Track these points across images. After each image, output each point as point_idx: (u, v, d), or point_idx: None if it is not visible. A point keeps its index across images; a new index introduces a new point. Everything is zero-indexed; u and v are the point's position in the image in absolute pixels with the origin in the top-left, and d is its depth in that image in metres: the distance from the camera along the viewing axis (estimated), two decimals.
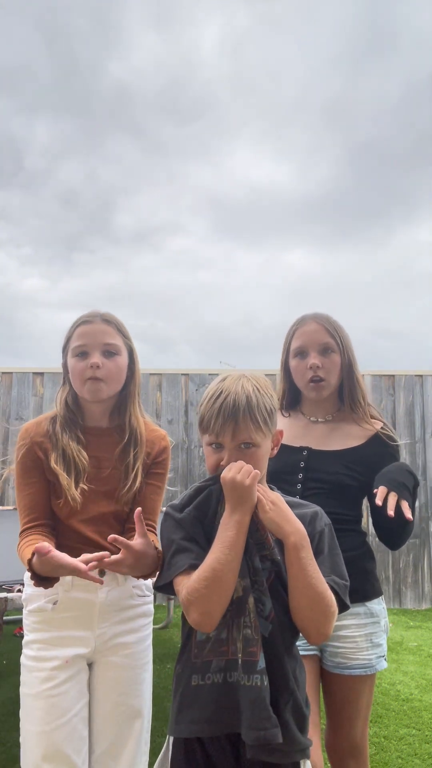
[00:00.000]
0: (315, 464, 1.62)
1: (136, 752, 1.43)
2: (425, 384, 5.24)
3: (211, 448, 1.16)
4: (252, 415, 1.11)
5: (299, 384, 1.70)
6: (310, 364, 1.63)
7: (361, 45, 15.79)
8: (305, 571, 1.06)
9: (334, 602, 1.07)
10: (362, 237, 27.38)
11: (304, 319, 1.70)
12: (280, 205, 26.58)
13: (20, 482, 1.47)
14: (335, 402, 1.73)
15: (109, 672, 1.43)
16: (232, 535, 1.06)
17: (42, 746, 1.32)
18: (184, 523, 1.16)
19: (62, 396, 1.55)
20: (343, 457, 1.62)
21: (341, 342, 1.66)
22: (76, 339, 1.49)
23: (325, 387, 1.66)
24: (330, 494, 1.58)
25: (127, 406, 1.55)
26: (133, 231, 30.71)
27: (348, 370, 1.68)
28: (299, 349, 1.67)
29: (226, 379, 1.16)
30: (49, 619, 1.41)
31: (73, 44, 14.39)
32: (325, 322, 1.67)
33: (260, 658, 1.05)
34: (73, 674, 1.38)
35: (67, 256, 41.38)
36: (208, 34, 13.18)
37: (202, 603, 1.05)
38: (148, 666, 1.50)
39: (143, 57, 14.95)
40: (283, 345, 1.74)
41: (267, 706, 1.02)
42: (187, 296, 29.49)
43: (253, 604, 1.08)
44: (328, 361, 1.64)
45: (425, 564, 5.04)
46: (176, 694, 1.13)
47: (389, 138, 21.00)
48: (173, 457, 5.04)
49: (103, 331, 1.49)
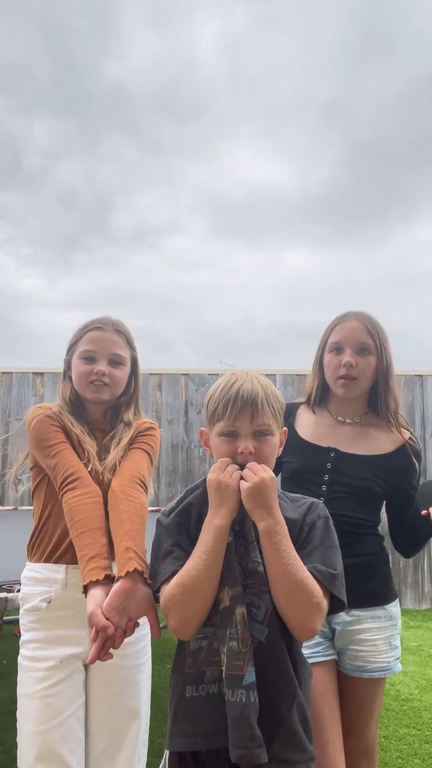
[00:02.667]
0: (342, 467, 1.59)
1: (133, 753, 1.42)
2: (425, 384, 5.24)
3: (224, 439, 1.12)
4: (269, 402, 1.11)
5: (329, 379, 1.66)
6: (345, 361, 1.59)
7: (360, 44, 15.79)
8: (279, 557, 1.02)
9: (316, 593, 1.03)
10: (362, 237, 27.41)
11: (347, 315, 1.66)
12: (280, 205, 26.60)
13: (47, 445, 1.43)
14: (364, 404, 1.69)
15: (104, 673, 1.42)
16: (209, 541, 1.04)
17: (36, 746, 1.32)
18: (170, 530, 1.14)
19: (64, 392, 1.58)
20: (372, 463, 1.60)
21: (380, 345, 1.62)
22: (86, 343, 1.53)
23: (355, 386, 1.61)
24: (355, 499, 1.56)
25: (121, 410, 1.59)
26: (132, 231, 30.74)
27: (384, 374, 1.63)
28: (336, 344, 1.63)
29: (236, 374, 1.16)
30: (44, 618, 1.42)
31: (71, 44, 14.38)
32: (367, 322, 1.63)
33: (247, 671, 1.00)
34: (68, 674, 1.38)
35: (66, 256, 41.48)
36: (207, 33, 13.18)
37: (179, 610, 1.03)
38: (145, 667, 1.50)
39: (141, 57, 14.96)
40: (321, 338, 1.70)
41: (251, 723, 0.97)
42: (186, 296, 29.52)
43: (243, 614, 1.03)
44: (363, 361, 1.60)
45: (425, 564, 5.04)
46: (171, 707, 1.09)
47: (389, 137, 21.02)
48: (173, 457, 5.04)
49: (113, 341, 1.54)
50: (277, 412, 1.14)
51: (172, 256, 29.19)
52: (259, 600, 1.06)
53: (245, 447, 1.10)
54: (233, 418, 1.10)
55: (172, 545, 1.12)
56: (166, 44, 14.93)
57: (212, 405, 1.14)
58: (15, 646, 1.46)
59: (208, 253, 31.01)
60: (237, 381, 1.13)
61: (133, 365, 1.61)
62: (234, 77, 17.20)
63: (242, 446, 1.10)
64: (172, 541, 1.13)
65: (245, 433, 1.11)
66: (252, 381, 1.13)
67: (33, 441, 1.47)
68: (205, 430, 1.20)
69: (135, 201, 25.26)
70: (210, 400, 1.16)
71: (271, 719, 1.01)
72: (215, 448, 1.15)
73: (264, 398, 1.11)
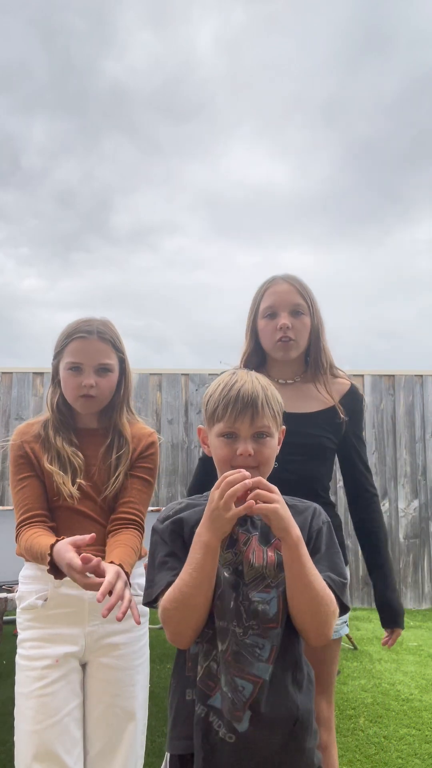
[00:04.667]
0: (291, 427, 1.59)
1: (129, 755, 1.42)
2: (425, 384, 5.24)
3: (223, 440, 1.10)
4: (269, 403, 1.11)
5: (266, 344, 1.67)
6: (281, 324, 1.61)
7: (359, 44, 15.79)
8: (305, 568, 1.00)
9: (333, 601, 1.03)
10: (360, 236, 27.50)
11: (275, 279, 1.67)
12: (278, 205, 26.66)
13: (13, 479, 1.51)
14: (302, 364, 1.71)
15: (100, 673, 1.43)
16: (199, 558, 1.01)
17: (33, 746, 1.32)
18: (164, 537, 1.12)
19: (52, 399, 1.57)
20: (319, 418, 1.62)
21: (311, 304, 1.65)
22: (71, 354, 1.50)
23: (293, 347, 1.63)
24: (309, 458, 1.58)
25: (114, 411, 1.57)
26: (130, 230, 30.79)
27: (316, 333, 1.67)
28: (269, 309, 1.64)
29: (236, 373, 1.15)
30: (40, 617, 1.42)
31: (69, 43, 14.37)
32: (297, 283, 1.65)
33: (243, 719, 0.99)
34: (64, 674, 1.38)
35: (65, 256, 41.57)
36: (205, 32, 13.18)
37: (173, 624, 1.03)
38: (142, 668, 1.49)
39: (140, 56, 14.95)
40: (251, 305, 1.71)
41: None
42: (184, 296, 29.59)
43: (239, 663, 1.01)
44: (298, 322, 1.63)
45: (425, 564, 5.04)
46: (171, 709, 1.09)
47: (387, 137, 21.05)
48: (173, 457, 5.04)
49: (98, 350, 1.51)
50: (276, 413, 1.13)
51: (170, 256, 29.23)
52: (263, 640, 1.04)
53: (244, 449, 1.08)
54: (233, 420, 1.09)
55: (166, 555, 1.10)
56: (165, 43, 14.93)
57: (212, 405, 1.13)
58: (15, 646, 1.46)
59: (207, 252, 31.04)
60: (237, 381, 1.11)
61: (122, 366, 1.57)
62: (232, 76, 17.21)
63: (241, 448, 1.08)
64: (167, 550, 1.11)
65: (245, 435, 1.09)
66: (252, 381, 1.12)
67: (10, 467, 1.54)
68: (203, 428, 1.19)
69: (133, 200, 25.27)
70: (209, 400, 1.14)
71: (270, 747, 1.01)
72: (214, 448, 1.13)
73: (264, 400, 1.10)
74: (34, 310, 40.95)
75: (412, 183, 27.12)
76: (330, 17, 14.07)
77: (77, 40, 14.62)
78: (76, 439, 1.54)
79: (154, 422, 5.02)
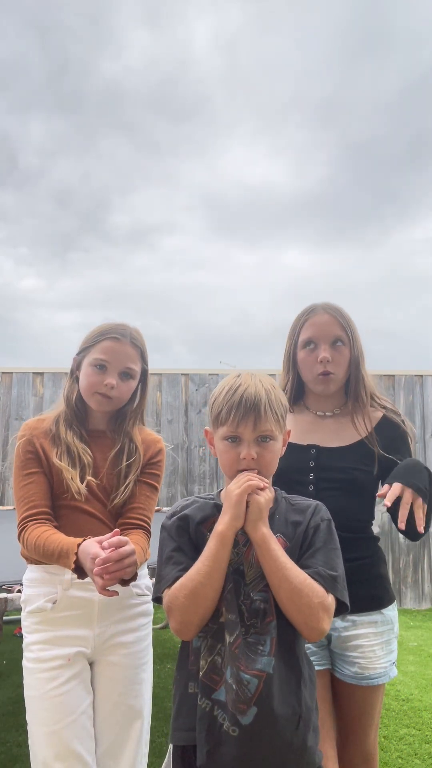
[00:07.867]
0: (326, 462, 1.57)
1: (136, 753, 1.43)
2: (425, 384, 5.24)
3: (228, 443, 1.13)
4: (272, 407, 1.12)
5: (306, 377, 1.63)
6: (321, 357, 1.56)
7: (356, 43, 15.79)
8: (277, 563, 1.04)
9: (318, 593, 1.04)
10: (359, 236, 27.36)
11: (315, 309, 1.63)
12: (276, 204, 26.61)
13: (18, 474, 1.48)
14: (342, 396, 1.66)
15: (107, 672, 1.43)
16: (212, 547, 1.05)
17: (53, 746, 1.32)
18: (171, 533, 1.15)
19: (69, 393, 1.56)
20: (354, 452, 1.57)
21: (351, 335, 1.60)
22: (100, 351, 1.51)
23: (333, 381, 1.59)
24: (344, 493, 1.53)
25: (126, 419, 1.57)
26: (128, 230, 30.73)
27: (355, 363, 1.62)
28: (309, 340, 1.60)
29: (240, 376, 1.16)
30: (49, 619, 1.41)
31: (66, 42, 14.35)
32: (337, 314, 1.60)
33: (248, 713, 1.01)
34: (76, 672, 1.38)
35: (64, 256, 41.39)
36: (202, 32, 13.17)
37: (181, 612, 1.05)
38: (147, 666, 1.50)
39: (137, 55, 14.93)
40: (290, 334, 1.67)
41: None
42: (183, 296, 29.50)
43: (242, 659, 1.03)
44: (338, 354, 1.58)
45: (425, 564, 5.04)
46: (174, 701, 1.11)
47: (385, 137, 21.03)
48: (173, 457, 5.04)
49: (128, 354, 1.52)
50: (280, 416, 1.14)
51: (169, 256, 29.18)
52: (264, 636, 1.06)
53: (247, 453, 1.11)
54: (236, 424, 1.11)
55: (173, 549, 1.13)
56: (162, 43, 14.91)
57: (216, 408, 1.15)
58: (15, 646, 1.46)
59: (205, 252, 30.97)
60: (241, 385, 1.13)
61: (143, 378, 1.58)
62: (230, 76, 17.19)
63: (244, 452, 1.11)
64: (174, 545, 1.14)
65: (248, 439, 1.11)
66: (256, 385, 1.13)
67: (14, 462, 1.51)
68: (210, 430, 1.21)
69: (131, 200, 25.24)
70: (214, 403, 1.16)
71: (273, 743, 1.02)
72: (219, 451, 1.16)
73: (267, 404, 1.11)
74: (33, 310, 40.88)
75: (411, 183, 27.08)
76: (328, 18, 14.05)
77: (74, 40, 14.61)
78: (88, 439, 1.53)
79: (154, 422, 5.01)
